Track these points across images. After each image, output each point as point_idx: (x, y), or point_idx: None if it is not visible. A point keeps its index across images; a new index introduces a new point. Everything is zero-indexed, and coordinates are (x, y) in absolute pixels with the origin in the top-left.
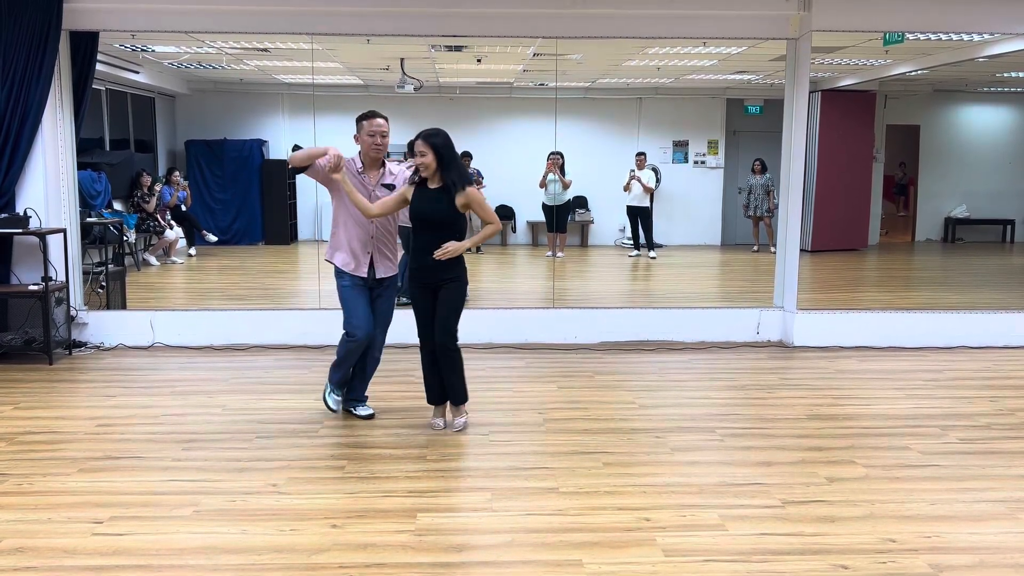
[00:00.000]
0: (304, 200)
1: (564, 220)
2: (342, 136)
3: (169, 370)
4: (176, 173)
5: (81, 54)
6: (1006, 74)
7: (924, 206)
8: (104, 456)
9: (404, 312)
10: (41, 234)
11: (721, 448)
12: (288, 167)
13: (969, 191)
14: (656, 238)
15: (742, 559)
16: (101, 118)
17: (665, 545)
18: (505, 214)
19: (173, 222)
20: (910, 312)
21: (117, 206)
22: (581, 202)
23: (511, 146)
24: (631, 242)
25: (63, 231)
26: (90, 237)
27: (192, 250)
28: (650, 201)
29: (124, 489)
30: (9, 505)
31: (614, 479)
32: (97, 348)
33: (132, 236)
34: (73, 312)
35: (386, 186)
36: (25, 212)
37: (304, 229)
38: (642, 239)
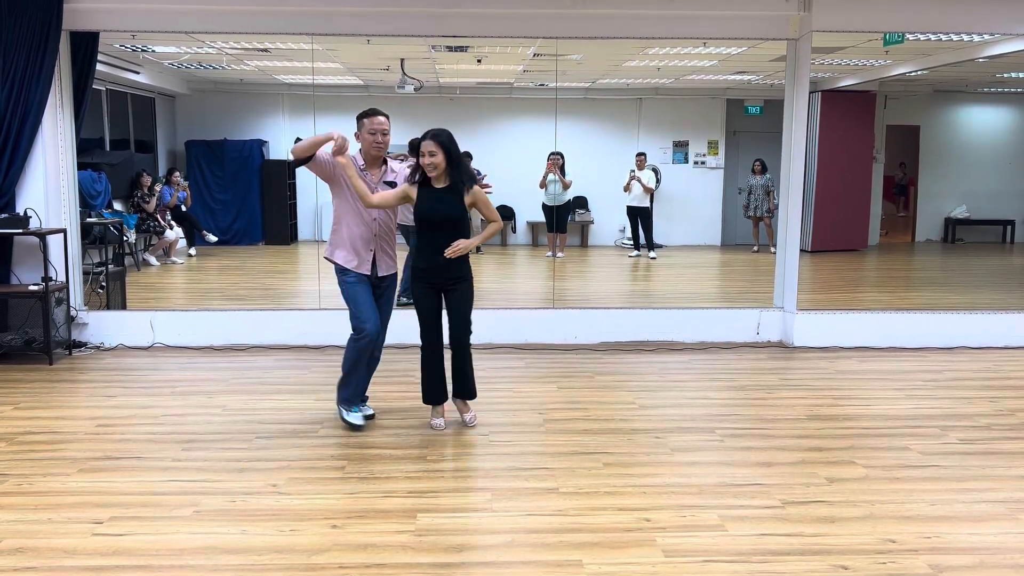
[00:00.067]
0: (304, 200)
1: (564, 220)
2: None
3: (169, 370)
4: (176, 173)
5: (81, 54)
6: (1006, 74)
7: (924, 206)
8: (104, 456)
9: (403, 312)
10: (41, 234)
11: (721, 448)
12: (290, 160)
13: (969, 191)
14: (656, 238)
15: (742, 559)
16: (101, 118)
17: (665, 545)
18: (505, 214)
19: (173, 222)
20: (910, 312)
21: (117, 206)
22: (581, 202)
23: (511, 146)
24: (631, 242)
25: (63, 231)
26: (90, 237)
27: (192, 250)
28: (650, 201)
29: (124, 489)
30: (9, 505)
31: (614, 479)
32: (97, 348)
33: (132, 236)
34: (73, 312)
35: (388, 183)
36: (25, 212)
37: (304, 229)
38: (642, 239)
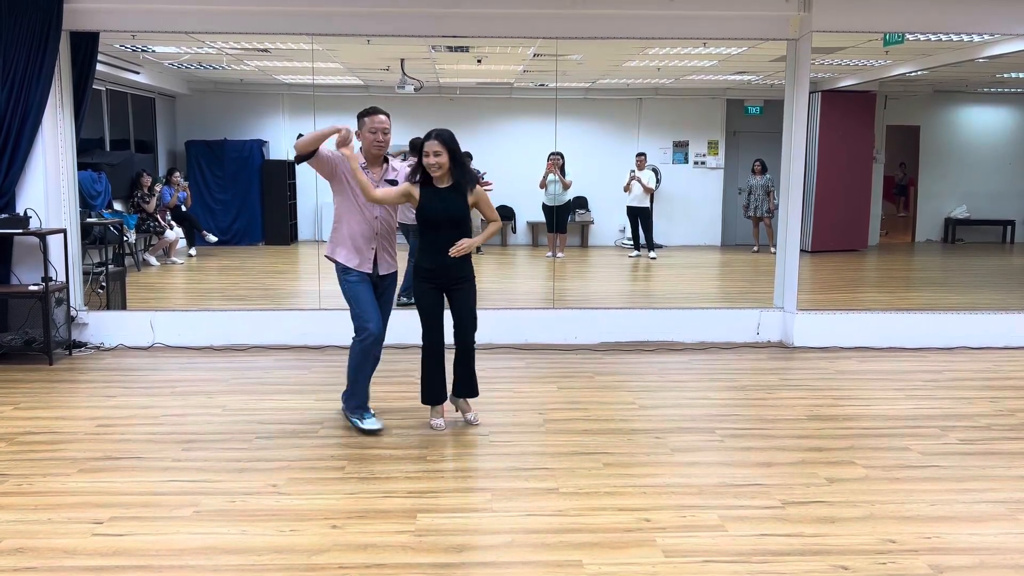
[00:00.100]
0: (304, 201)
1: (564, 220)
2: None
3: (169, 370)
4: (176, 174)
5: (81, 54)
6: (1006, 75)
7: (924, 207)
8: (104, 456)
9: (403, 312)
10: (41, 234)
11: (721, 449)
12: (290, 160)
13: (969, 192)
14: (656, 238)
15: (742, 560)
16: (101, 118)
17: (665, 546)
18: (505, 214)
19: (173, 222)
20: (910, 313)
21: (117, 206)
22: (581, 202)
23: (511, 146)
24: (631, 242)
25: (63, 231)
26: (90, 237)
27: (192, 250)
28: (650, 202)
29: (124, 489)
30: (9, 505)
31: (614, 480)
32: (97, 348)
33: (132, 236)
34: (73, 312)
35: (389, 182)
36: (25, 212)
37: (304, 229)
38: (642, 239)
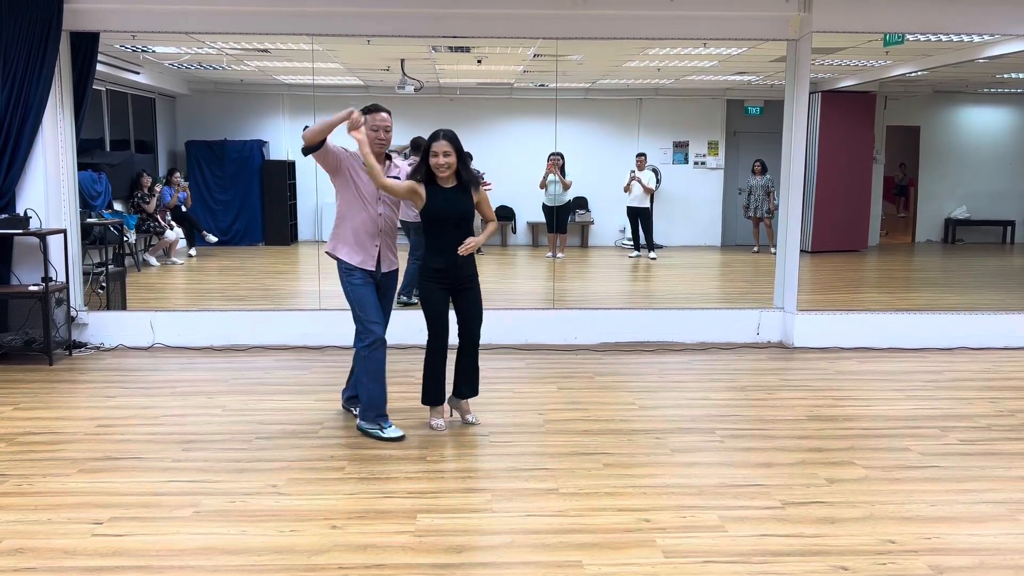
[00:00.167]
0: (304, 201)
1: (564, 221)
2: (344, 136)
3: (169, 371)
4: (176, 174)
5: (81, 55)
6: (1006, 75)
7: (924, 207)
8: (104, 457)
9: (402, 312)
10: (41, 235)
11: (721, 449)
12: (301, 147)
13: (969, 192)
14: (656, 239)
15: (742, 560)
16: (101, 119)
17: (665, 546)
18: (505, 215)
19: (173, 223)
20: (910, 313)
21: (117, 207)
22: (581, 203)
23: (511, 147)
24: (631, 243)
25: (63, 232)
26: (90, 238)
27: (192, 251)
28: (650, 202)
29: (124, 490)
30: (9, 506)
31: (614, 480)
32: (97, 349)
33: (132, 237)
34: (73, 313)
35: (392, 179)
36: (25, 213)
37: (304, 230)
38: (642, 240)
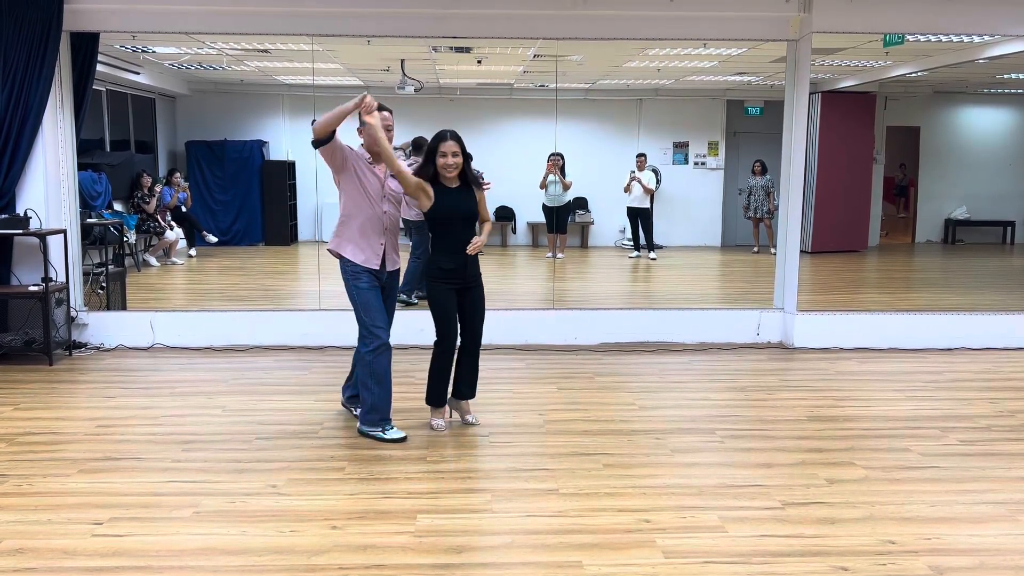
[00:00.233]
0: (304, 201)
1: (564, 221)
2: (345, 135)
3: (169, 371)
4: (177, 174)
5: (82, 55)
6: (1006, 75)
7: (924, 207)
8: (104, 457)
9: (398, 313)
10: (41, 235)
11: (721, 449)
12: (311, 140)
13: (969, 192)
14: (656, 239)
15: (742, 560)
16: (102, 119)
17: (665, 547)
18: (505, 215)
19: (173, 223)
20: (910, 314)
21: (117, 207)
22: (581, 203)
23: (511, 147)
24: (631, 243)
25: (63, 232)
26: (90, 238)
27: (192, 251)
28: (650, 202)
29: (124, 490)
30: (9, 506)
31: (614, 480)
32: (97, 349)
33: (132, 237)
34: (73, 313)
35: (394, 177)
36: (25, 213)
37: (304, 230)
38: (642, 240)
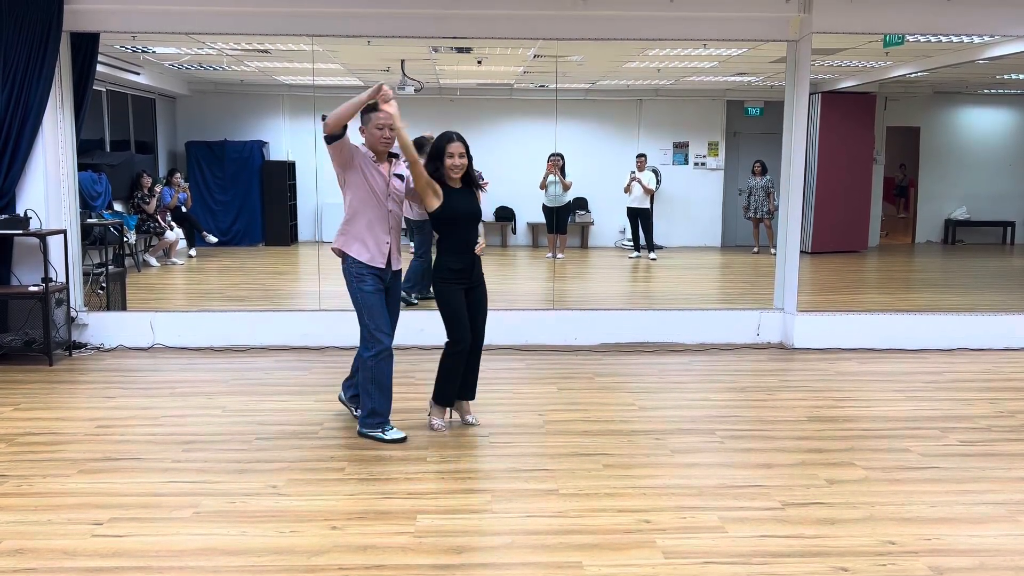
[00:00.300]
0: (304, 201)
1: (564, 221)
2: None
3: (169, 371)
4: (177, 175)
5: (82, 55)
6: (1006, 76)
7: (924, 208)
8: (104, 457)
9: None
10: (41, 235)
11: (721, 450)
12: (324, 135)
13: (969, 193)
14: (656, 239)
15: (742, 561)
16: (102, 119)
17: (665, 547)
18: (505, 215)
19: (173, 223)
20: (910, 314)
21: (117, 207)
22: (581, 203)
23: (511, 147)
24: (631, 244)
25: (63, 232)
26: (90, 238)
27: (192, 251)
28: (650, 203)
29: (124, 490)
30: (9, 506)
31: (614, 481)
32: (97, 349)
33: (132, 237)
34: (73, 313)
35: (397, 176)
36: (25, 213)
37: (304, 230)
38: (642, 241)
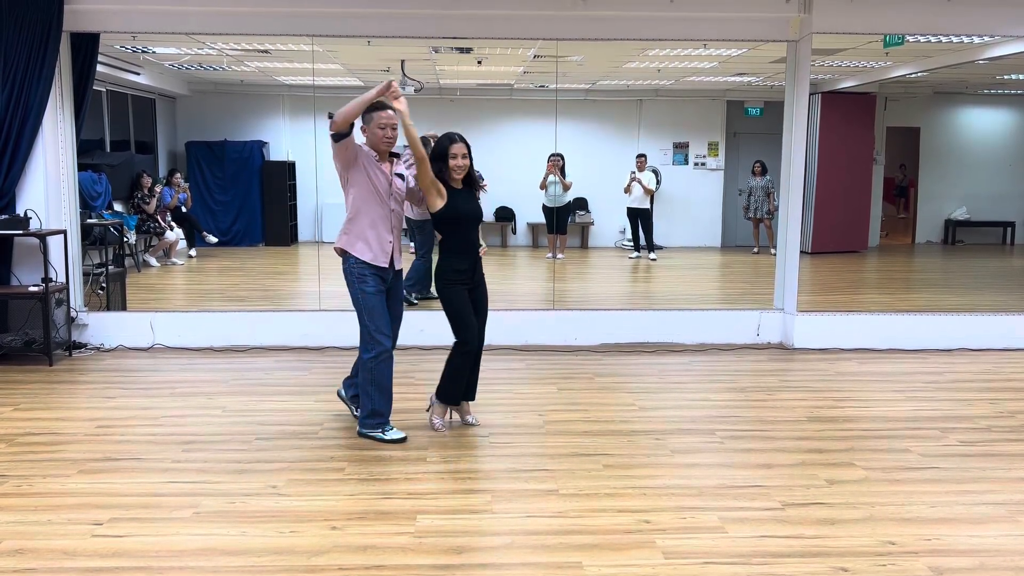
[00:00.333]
0: (305, 202)
1: (564, 222)
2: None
3: (169, 371)
4: (177, 175)
5: (82, 55)
6: (1006, 76)
7: (924, 208)
8: (104, 457)
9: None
10: (41, 235)
11: (721, 450)
12: (331, 132)
13: (969, 193)
14: (656, 240)
15: (742, 561)
16: (102, 119)
17: (665, 547)
18: (505, 215)
19: (173, 223)
20: (910, 314)
21: (117, 207)
22: (581, 204)
23: (511, 148)
24: (631, 244)
25: (63, 232)
26: (90, 238)
27: (192, 251)
28: (650, 203)
29: (124, 490)
30: (9, 506)
31: (614, 481)
32: (97, 349)
33: (132, 237)
34: (73, 313)
35: (399, 175)
36: (26, 213)
37: (304, 230)
38: (642, 241)
